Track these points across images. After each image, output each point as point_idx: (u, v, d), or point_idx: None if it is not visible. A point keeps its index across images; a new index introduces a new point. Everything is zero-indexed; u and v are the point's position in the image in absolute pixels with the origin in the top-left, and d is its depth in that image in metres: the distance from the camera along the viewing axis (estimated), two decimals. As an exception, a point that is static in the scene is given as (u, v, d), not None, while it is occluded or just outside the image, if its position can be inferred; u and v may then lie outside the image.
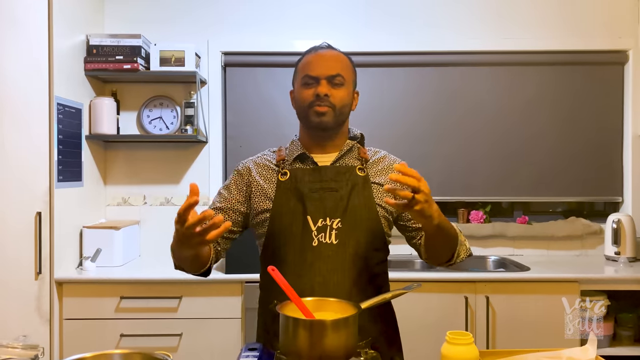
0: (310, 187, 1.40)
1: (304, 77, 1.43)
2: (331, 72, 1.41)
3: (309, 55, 1.46)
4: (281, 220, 1.40)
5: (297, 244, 1.38)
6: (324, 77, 1.40)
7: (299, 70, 1.47)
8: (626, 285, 2.56)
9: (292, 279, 1.16)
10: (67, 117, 2.58)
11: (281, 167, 1.46)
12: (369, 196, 1.42)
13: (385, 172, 1.48)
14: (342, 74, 1.42)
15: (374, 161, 1.49)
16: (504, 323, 2.53)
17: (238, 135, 3.15)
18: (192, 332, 2.51)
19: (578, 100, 3.14)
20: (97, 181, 2.97)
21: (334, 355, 1.07)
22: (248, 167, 1.51)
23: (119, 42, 2.80)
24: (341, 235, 1.37)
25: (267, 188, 1.44)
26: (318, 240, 1.37)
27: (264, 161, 1.51)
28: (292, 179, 1.43)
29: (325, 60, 1.43)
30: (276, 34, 3.09)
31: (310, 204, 1.39)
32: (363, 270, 1.39)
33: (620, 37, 3.08)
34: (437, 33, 3.10)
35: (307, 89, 1.42)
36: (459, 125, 3.15)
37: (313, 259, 1.36)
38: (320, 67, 1.41)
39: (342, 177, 1.42)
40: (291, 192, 1.41)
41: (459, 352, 1.12)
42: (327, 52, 1.46)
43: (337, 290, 1.32)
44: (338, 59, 1.45)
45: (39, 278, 2.36)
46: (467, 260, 1.67)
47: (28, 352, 1.01)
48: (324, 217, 1.38)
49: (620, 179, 3.15)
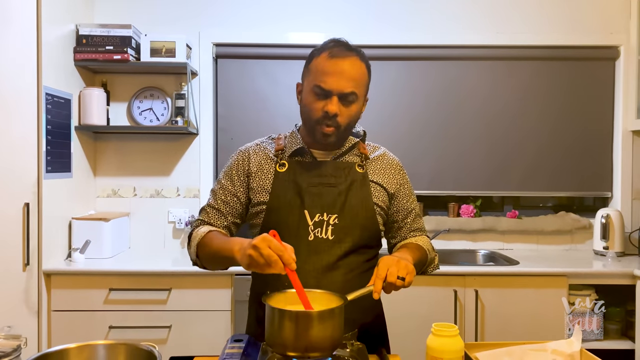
0: (309, 182, 1.39)
1: (316, 86, 1.33)
2: (345, 90, 1.32)
3: (326, 59, 1.33)
4: (278, 213, 1.38)
5: (292, 238, 1.34)
6: (336, 94, 1.32)
7: (312, 72, 1.36)
8: (614, 280, 2.58)
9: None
10: (56, 107, 2.55)
11: (279, 158, 1.44)
12: (367, 193, 1.41)
13: (383, 172, 1.47)
14: (356, 91, 1.34)
15: (373, 159, 1.48)
16: (493, 316, 2.55)
17: (229, 128, 3.13)
18: (181, 324, 2.51)
19: (569, 96, 3.15)
20: (87, 172, 2.95)
21: (320, 346, 1.07)
22: (247, 154, 1.47)
23: (109, 32, 2.77)
24: (337, 232, 1.37)
25: (265, 179, 1.42)
26: (314, 235, 1.36)
27: (263, 150, 1.47)
28: (290, 171, 1.41)
29: (341, 74, 1.32)
30: (269, 26, 3.08)
31: (309, 198, 1.37)
32: (357, 266, 1.40)
33: (611, 32, 3.09)
34: (429, 27, 3.09)
35: (316, 101, 1.34)
36: (450, 119, 3.15)
37: (308, 253, 1.35)
38: (335, 82, 1.31)
39: (341, 173, 1.41)
40: (289, 185, 1.39)
41: (444, 343, 1.12)
42: (346, 62, 1.33)
43: (330, 285, 1.31)
44: (355, 72, 1.34)
45: (27, 269, 2.35)
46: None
47: (10, 342, 1.00)
48: (322, 212, 1.37)
49: (609, 175, 3.17)
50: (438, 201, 3.27)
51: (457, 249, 3.10)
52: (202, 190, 3.07)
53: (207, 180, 3.08)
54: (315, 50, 1.39)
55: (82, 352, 1.09)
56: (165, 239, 3.07)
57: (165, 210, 3.07)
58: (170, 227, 3.07)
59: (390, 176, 1.48)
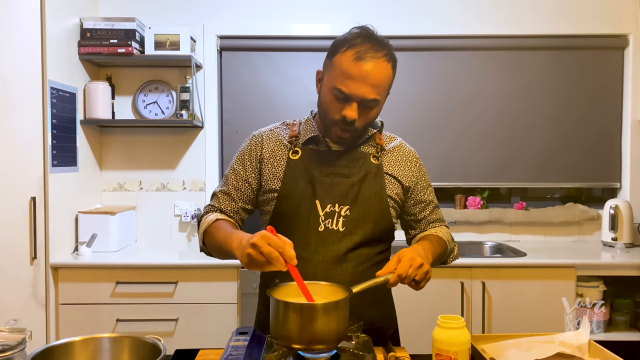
0: (321, 171, 1.36)
1: (336, 89, 1.26)
2: (367, 97, 1.26)
3: (350, 61, 1.25)
4: (289, 202, 1.36)
5: (302, 228, 1.34)
6: (357, 100, 1.26)
7: (334, 69, 1.28)
8: (622, 271, 2.56)
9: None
10: (61, 101, 2.55)
11: (293, 145, 1.41)
12: (380, 186, 1.38)
13: (399, 165, 1.44)
14: (378, 97, 1.28)
15: (389, 150, 1.45)
16: (500, 308, 2.54)
17: (234, 120, 3.12)
18: (188, 317, 2.51)
19: (578, 86, 3.11)
20: (93, 166, 2.96)
21: (324, 339, 1.06)
22: (261, 140, 1.44)
23: (113, 26, 2.76)
24: (348, 223, 1.34)
25: (277, 166, 1.39)
26: (325, 226, 1.34)
27: (276, 135, 1.45)
28: (303, 159, 1.38)
29: (364, 79, 1.24)
30: (273, 18, 3.05)
31: (321, 188, 1.35)
32: (367, 259, 1.38)
33: (620, 21, 3.05)
34: (435, 18, 3.06)
35: (335, 102, 1.28)
36: (457, 110, 3.12)
37: (318, 244, 1.33)
38: (357, 88, 1.24)
39: (355, 164, 1.38)
40: (301, 173, 1.36)
41: (450, 336, 1.11)
42: (372, 65, 1.25)
43: (339, 277, 1.30)
44: (380, 77, 1.26)
45: (34, 263, 2.36)
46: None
47: (15, 335, 1.00)
48: (333, 203, 1.34)
49: (618, 165, 3.13)
50: (445, 193, 3.25)
51: (464, 240, 3.08)
52: (208, 183, 3.07)
53: (212, 173, 3.07)
54: (340, 42, 1.30)
55: (87, 345, 1.09)
56: (172, 232, 3.08)
57: (171, 204, 3.07)
58: (177, 220, 3.08)
59: (406, 169, 1.45)
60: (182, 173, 3.09)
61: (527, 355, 1.22)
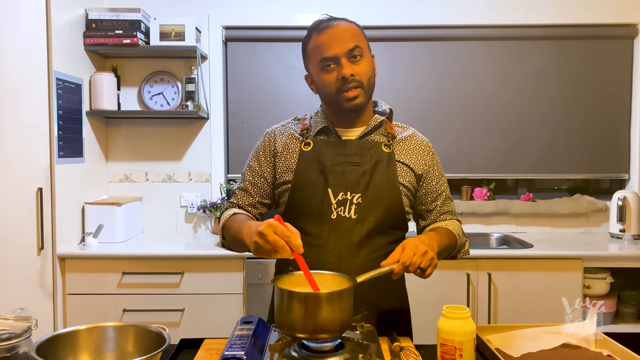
0: (333, 160, 1.38)
1: (321, 60, 1.34)
2: (348, 46, 1.33)
3: (317, 36, 1.36)
4: (302, 192, 1.39)
5: (315, 216, 1.37)
6: (343, 55, 1.32)
7: (311, 54, 1.39)
8: (630, 263, 2.54)
9: (307, 250, 1.15)
10: (67, 92, 2.56)
11: (305, 137, 1.44)
12: (392, 173, 1.39)
13: (411, 153, 1.45)
14: (359, 44, 1.34)
15: (401, 139, 1.46)
16: (506, 300, 2.53)
17: (240, 111, 3.12)
18: (194, 308, 2.52)
19: (586, 76, 3.08)
20: (99, 157, 2.96)
21: (328, 328, 1.06)
22: (273, 135, 1.48)
23: (118, 16, 2.76)
24: (360, 211, 1.36)
25: (290, 159, 1.43)
26: (337, 214, 1.36)
27: (288, 130, 1.48)
28: (315, 150, 1.41)
29: (337, 36, 1.33)
30: (278, 8, 3.04)
31: (332, 177, 1.37)
32: (380, 247, 1.38)
33: (630, 10, 3.00)
34: (440, 7, 3.03)
35: (328, 74, 1.35)
36: (463, 101, 3.10)
37: (330, 232, 1.36)
38: (335, 45, 1.32)
39: (366, 152, 1.39)
40: (313, 164, 1.39)
41: (455, 325, 1.10)
42: (335, 26, 1.35)
43: (352, 265, 1.31)
44: (349, 30, 1.35)
45: (42, 254, 2.37)
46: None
47: (20, 323, 1.01)
48: (345, 191, 1.37)
49: (626, 156, 3.10)
50: (451, 184, 3.19)
51: (470, 232, 3.07)
52: (214, 175, 3.07)
53: (218, 165, 3.08)
54: (304, 39, 1.42)
55: (92, 334, 1.10)
56: (178, 223, 3.08)
57: (177, 195, 3.08)
58: (183, 211, 3.08)
59: (419, 157, 1.46)
60: (188, 164, 3.09)
61: (532, 346, 1.22)
